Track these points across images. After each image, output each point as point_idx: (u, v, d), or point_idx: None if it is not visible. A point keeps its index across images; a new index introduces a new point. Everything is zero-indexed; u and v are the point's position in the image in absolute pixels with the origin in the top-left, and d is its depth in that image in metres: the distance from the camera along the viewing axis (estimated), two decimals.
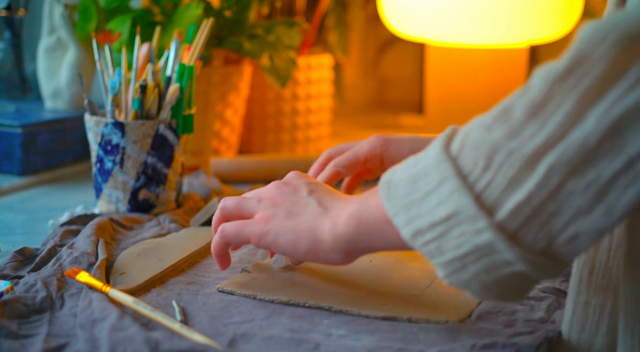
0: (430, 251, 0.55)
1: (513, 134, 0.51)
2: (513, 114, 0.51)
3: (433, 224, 0.54)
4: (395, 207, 0.56)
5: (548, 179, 0.50)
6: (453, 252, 0.54)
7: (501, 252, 0.52)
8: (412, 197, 0.55)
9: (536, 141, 0.50)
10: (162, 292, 0.72)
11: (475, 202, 0.52)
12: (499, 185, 0.51)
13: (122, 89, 0.93)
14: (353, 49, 1.78)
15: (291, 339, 0.62)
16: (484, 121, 0.53)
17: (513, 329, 0.65)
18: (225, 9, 1.19)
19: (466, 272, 0.54)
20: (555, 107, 0.50)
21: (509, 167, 0.51)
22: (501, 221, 0.51)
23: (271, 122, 1.36)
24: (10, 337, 0.61)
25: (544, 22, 1.29)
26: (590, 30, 0.49)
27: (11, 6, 1.28)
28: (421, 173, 0.55)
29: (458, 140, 0.54)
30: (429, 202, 0.54)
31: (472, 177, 0.53)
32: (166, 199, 0.97)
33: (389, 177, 0.58)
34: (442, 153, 0.54)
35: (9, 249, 0.84)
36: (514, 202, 0.51)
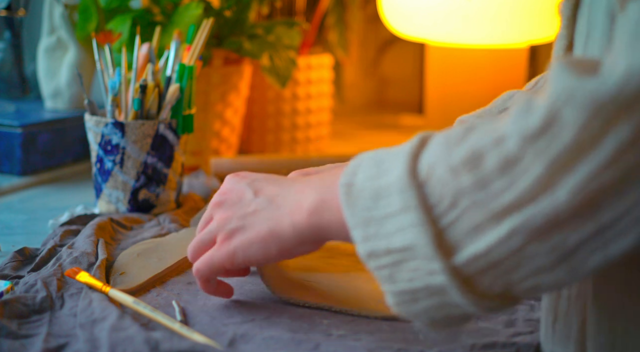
0: (383, 276, 0.53)
1: (481, 186, 0.48)
2: (483, 164, 0.48)
3: (389, 251, 0.52)
4: (355, 218, 0.54)
5: (509, 239, 0.47)
6: (405, 284, 0.52)
7: (453, 296, 0.50)
8: (372, 214, 0.53)
9: (503, 199, 0.47)
10: (162, 292, 0.72)
11: (434, 241, 0.49)
12: (464, 227, 0.49)
13: (122, 89, 0.93)
14: (353, 49, 1.78)
15: (291, 339, 0.62)
16: (450, 160, 0.50)
17: (513, 329, 0.65)
18: (225, 9, 1.19)
19: (416, 306, 0.52)
20: (526, 167, 0.46)
21: (473, 214, 0.48)
22: (458, 265, 0.49)
23: (271, 122, 1.36)
24: (10, 337, 0.61)
25: (544, 22, 1.29)
26: (562, 84, 0.46)
27: (11, 6, 1.28)
28: (384, 191, 0.52)
29: (425, 165, 0.51)
30: (388, 226, 0.52)
31: (437, 211, 0.50)
32: (166, 199, 0.97)
33: (349, 179, 0.55)
34: (408, 177, 0.51)
35: (9, 249, 0.84)
36: (473, 251, 0.49)
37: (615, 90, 0.44)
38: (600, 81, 0.45)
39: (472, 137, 0.50)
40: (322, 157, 1.20)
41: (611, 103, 0.44)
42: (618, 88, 0.44)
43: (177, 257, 0.80)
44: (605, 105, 0.44)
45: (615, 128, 0.44)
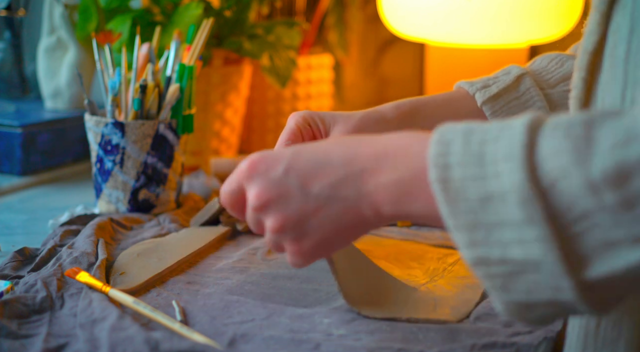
0: (495, 285, 0.48)
1: (626, 207, 0.44)
2: (632, 182, 0.43)
3: (504, 261, 0.47)
4: (458, 220, 0.49)
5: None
6: (521, 296, 0.48)
7: (578, 307, 0.47)
8: (479, 218, 0.48)
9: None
10: (162, 292, 0.72)
11: (564, 258, 0.45)
12: (595, 241, 0.45)
13: (122, 89, 0.93)
14: (353, 49, 1.78)
15: (291, 339, 0.62)
16: (588, 173, 0.44)
17: (512, 328, 0.65)
18: (225, 9, 1.19)
19: (530, 314, 0.49)
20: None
21: (611, 231, 0.44)
22: (588, 280, 0.45)
23: (271, 122, 1.36)
24: (10, 337, 0.61)
25: (544, 22, 1.29)
26: None
27: (11, 6, 1.28)
28: (497, 197, 0.47)
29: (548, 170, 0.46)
30: (503, 234, 0.47)
31: (565, 220, 0.45)
32: (166, 199, 0.97)
33: (442, 173, 0.49)
34: (528, 185, 0.46)
35: (9, 249, 0.84)
36: (608, 269, 0.45)
37: None
38: None
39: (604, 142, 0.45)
40: None
41: None
42: None
43: (177, 257, 0.80)
44: None
45: None
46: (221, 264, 0.80)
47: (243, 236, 0.91)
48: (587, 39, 0.58)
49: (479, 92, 0.83)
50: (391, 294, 0.71)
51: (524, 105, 0.82)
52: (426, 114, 0.82)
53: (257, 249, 0.85)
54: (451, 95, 0.85)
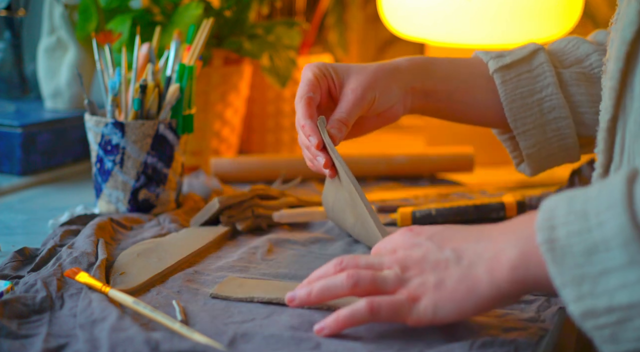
0: (604, 337, 0.49)
1: None
2: None
3: (611, 309, 0.48)
4: (564, 276, 0.50)
5: None
6: (632, 344, 0.48)
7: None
8: (585, 270, 0.49)
9: None
10: (162, 290, 0.72)
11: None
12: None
13: (122, 89, 0.93)
14: (353, 49, 1.78)
15: (292, 338, 0.62)
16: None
17: (506, 323, 0.65)
18: (225, 9, 1.19)
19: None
20: None
21: None
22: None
23: (271, 122, 1.36)
24: (10, 337, 0.61)
25: (544, 22, 1.29)
26: None
27: (11, 6, 1.28)
28: (602, 246, 0.49)
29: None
30: (608, 282, 0.48)
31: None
32: (166, 199, 0.97)
33: (549, 235, 0.51)
34: (631, 226, 0.47)
35: (9, 249, 0.84)
36: None
37: None
38: None
39: None
40: None
41: None
42: None
43: (177, 257, 0.80)
44: None
45: None
46: (221, 264, 0.80)
47: (243, 236, 0.91)
48: (627, 29, 0.59)
49: (492, 60, 0.84)
50: None
51: (534, 79, 0.82)
52: (438, 71, 0.84)
53: (257, 248, 0.85)
54: (466, 60, 0.87)
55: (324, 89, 0.79)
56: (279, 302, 0.70)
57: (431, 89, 0.83)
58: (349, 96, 0.79)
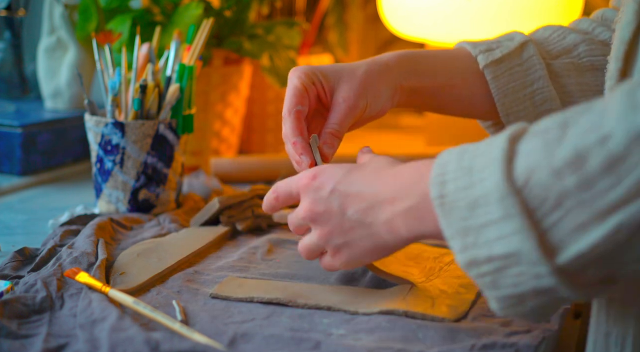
0: (485, 283, 0.54)
1: (586, 186, 0.48)
2: (588, 164, 0.48)
3: (490, 258, 0.52)
4: (452, 229, 0.54)
5: (615, 234, 0.48)
6: (510, 290, 0.53)
7: (561, 293, 0.51)
8: (469, 223, 0.53)
9: (610, 197, 0.48)
10: (162, 290, 0.72)
11: (539, 246, 0.50)
12: (567, 227, 0.49)
13: (122, 89, 0.93)
14: (353, 49, 1.78)
15: (291, 338, 0.62)
16: (552, 162, 0.50)
17: (509, 328, 0.65)
18: (225, 9, 1.19)
19: (523, 307, 0.53)
20: (632, 165, 0.47)
21: (578, 214, 0.49)
22: (562, 264, 0.50)
23: (271, 122, 1.36)
24: (10, 337, 0.61)
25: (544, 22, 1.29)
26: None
27: (11, 6, 1.28)
28: (481, 200, 0.53)
29: (522, 170, 0.51)
30: (487, 234, 0.52)
31: (539, 213, 0.50)
32: (166, 199, 0.97)
33: (440, 190, 0.55)
34: (505, 184, 0.51)
35: (9, 249, 0.84)
36: (577, 249, 0.49)
37: None
38: None
39: (572, 135, 0.50)
40: None
41: None
42: None
43: (177, 257, 0.80)
44: None
45: None
46: (221, 264, 0.80)
47: (243, 236, 0.91)
48: (625, 29, 0.60)
49: (482, 55, 0.83)
50: (388, 290, 0.72)
51: (525, 72, 0.82)
52: (425, 66, 0.83)
53: (257, 248, 0.85)
54: (453, 53, 0.86)
55: (312, 97, 0.78)
56: (279, 302, 0.70)
57: (418, 85, 0.83)
58: (341, 106, 0.78)
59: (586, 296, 0.52)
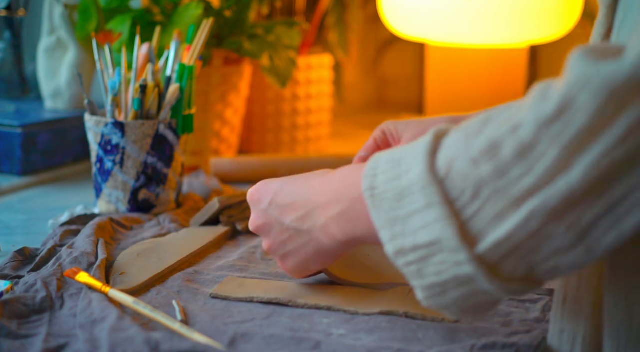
0: (411, 272, 0.55)
1: (500, 174, 0.50)
2: (501, 152, 0.50)
3: (415, 247, 0.54)
4: (381, 219, 0.56)
5: (529, 221, 0.49)
6: (433, 278, 0.54)
7: (481, 283, 0.52)
8: (397, 213, 0.55)
9: (522, 184, 0.49)
10: (162, 290, 0.73)
11: (459, 233, 0.52)
12: (486, 217, 0.51)
13: (122, 89, 0.93)
14: (353, 49, 1.78)
15: (291, 338, 0.62)
16: (470, 152, 0.52)
17: (510, 328, 0.65)
18: (225, 9, 1.19)
19: (445, 298, 0.54)
20: (542, 152, 0.49)
21: (495, 202, 0.50)
22: (482, 253, 0.51)
23: (271, 122, 1.36)
24: (10, 337, 0.61)
25: (544, 22, 1.29)
26: (579, 70, 0.48)
27: (11, 6, 1.28)
28: (407, 190, 0.55)
29: (444, 161, 0.53)
30: (413, 223, 0.54)
31: (459, 203, 0.52)
32: (166, 199, 0.97)
33: (371, 182, 0.57)
34: (428, 174, 0.53)
35: (9, 249, 0.84)
36: (495, 238, 0.51)
37: (629, 72, 0.46)
38: (617, 65, 0.46)
39: (490, 127, 0.51)
40: (322, 157, 1.20)
41: (625, 85, 0.46)
42: (632, 69, 0.46)
43: (177, 257, 0.80)
44: (619, 88, 0.46)
45: (628, 108, 0.46)
46: (221, 264, 0.80)
47: (243, 236, 0.91)
48: (596, 31, 0.62)
49: None
50: (388, 290, 0.72)
51: None
52: None
53: (256, 248, 0.85)
54: None
55: (384, 147, 0.83)
56: (279, 302, 0.70)
57: None
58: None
59: (508, 292, 0.52)
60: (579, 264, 0.50)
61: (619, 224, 0.48)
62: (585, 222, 0.48)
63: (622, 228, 0.48)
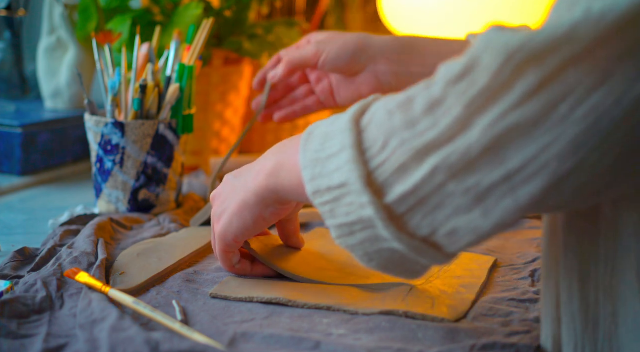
0: (325, 212, 0.58)
1: (409, 125, 0.53)
2: (413, 106, 0.53)
3: (330, 188, 0.57)
4: (306, 160, 0.59)
5: (432, 177, 0.52)
6: (343, 219, 0.57)
7: (380, 230, 0.55)
8: (319, 155, 0.58)
9: (426, 138, 0.52)
10: (162, 290, 0.73)
11: (364, 178, 0.54)
12: (390, 168, 0.54)
13: (122, 89, 0.93)
14: None
15: (291, 338, 0.62)
16: (388, 105, 0.55)
17: (509, 328, 0.65)
18: (225, 9, 1.19)
19: (353, 239, 0.57)
20: (447, 108, 0.51)
21: (400, 154, 0.53)
22: (389, 203, 0.54)
23: (271, 122, 1.35)
24: (10, 337, 0.61)
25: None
26: (487, 35, 0.50)
27: (11, 6, 1.28)
28: (331, 134, 0.58)
29: (369, 113, 0.56)
30: (330, 165, 0.57)
31: (370, 153, 0.55)
32: (166, 199, 0.97)
33: (311, 129, 0.61)
34: (350, 121, 0.57)
35: (9, 249, 0.84)
36: (401, 190, 0.53)
37: (526, 39, 0.48)
38: (517, 33, 0.49)
39: (412, 88, 0.54)
40: None
41: (521, 50, 0.48)
42: (528, 38, 0.48)
43: (177, 257, 0.80)
44: (515, 52, 0.48)
45: (524, 75, 0.48)
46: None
47: None
48: None
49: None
50: (388, 291, 0.72)
51: None
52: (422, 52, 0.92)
53: None
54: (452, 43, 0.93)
55: None
56: (279, 302, 0.70)
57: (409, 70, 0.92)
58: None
59: (410, 248, 0.55)
60: (476, 228, 0.52)
61: (515, 193, 0.50)
62: (483, 187, 0.50)
63: (519, 198, 0.50)
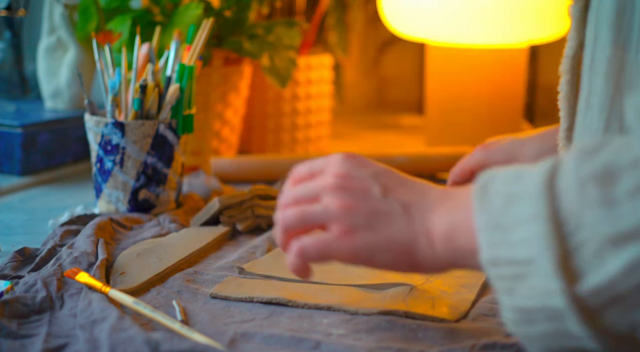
0: (502, 288, 0.49)
1: (607, 205, 0.45)
2: (616, 182, 0.45)
3: (512, 261, 0.48)
4: (483, 222, 0.50)
5: (631, 270, 0.44)
6: (523, 301, 0.48)
7: (571, 325, 0.46)
8: (501, 219, 0.49)
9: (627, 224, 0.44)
10: (162, 290, 0.73)
11: (557, 258, 0.46)
12: (587, 252, 0.45)
13: (122, 89, 0.93)
14: (353, 49, 1.78)
15: (291, 338, 0.62)
16: (580, 171, 0.46)
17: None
18: (225, 9, 1.19)
19: (531, 329, 0.49)
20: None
21: (595, 236, 0.45)
22: (581, 294, 0.45)
23: (271, 122, 1.36)
24: (10, 337, 0.61)
25: (544, 22, 1.29)
26: None
27: (11, 6, 1.28)
28: (518, 197, 0.49)
29: (564, 175, 0.47)
30: (515, 234, 0.48)
31: (566, 228, 0.46)
32: (166, 199, 0.97)
33: (486, 181, 0.52)
34: (544, 185, 0.48)
35: (9, 249, 0.84)
36: (597, 281, 0.45)
37: None
38: None
39: (606, 151, 0.47)
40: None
41: None
42: None
43: (177, 257, 0.80)
44: None
45: None
46: (221, 264, 0.80)
47: (243, 236, 0.91)
48: (567, 44, 0.64)
49: None
50: (388, 290, 0.72)
51: None
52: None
53: (256, 247, 0.85)
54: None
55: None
56: (279, 302, 0.70)
57: None
58: None
59: (606, 347, 0.46)
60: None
61: None
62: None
63: None
